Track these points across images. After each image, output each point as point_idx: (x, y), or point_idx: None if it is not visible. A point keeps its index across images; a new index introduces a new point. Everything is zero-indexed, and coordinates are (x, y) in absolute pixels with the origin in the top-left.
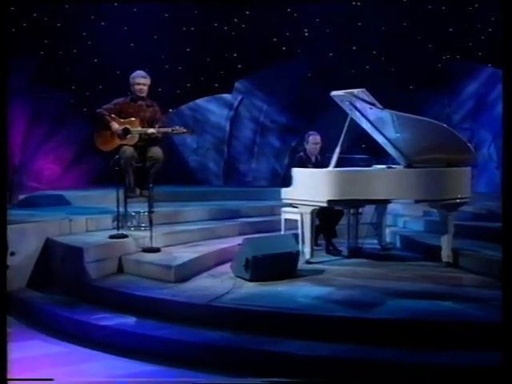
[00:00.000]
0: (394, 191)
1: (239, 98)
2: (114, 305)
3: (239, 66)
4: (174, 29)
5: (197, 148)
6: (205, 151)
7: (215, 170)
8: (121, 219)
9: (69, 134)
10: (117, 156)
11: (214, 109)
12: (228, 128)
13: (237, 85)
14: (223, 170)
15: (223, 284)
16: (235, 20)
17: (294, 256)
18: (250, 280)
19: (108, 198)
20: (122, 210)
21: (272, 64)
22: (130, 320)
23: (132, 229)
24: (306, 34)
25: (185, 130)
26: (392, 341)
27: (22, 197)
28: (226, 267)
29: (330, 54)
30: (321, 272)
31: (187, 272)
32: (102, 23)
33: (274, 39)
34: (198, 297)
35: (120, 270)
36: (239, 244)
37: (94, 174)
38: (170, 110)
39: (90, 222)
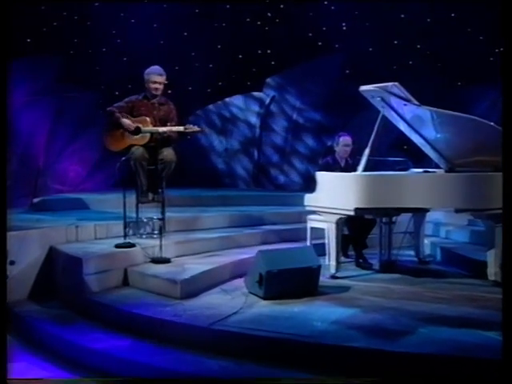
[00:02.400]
0: (431, 199)
1: (270, 95)
2: (111, 323)
3: (272, 62)
4: (205, 25)
5: (225, 149)
6: (234, 152)
7: (244, 173)
8: (132, 226)
9: (95, 135)
10: (123, 158)
11: (244, 108)
12: (258, 128)
13: (268, 81)
14: (253, 172)
15: (233, 302)
16: (269, 14)
17: (315, 271)
18: (264, 298)
19: (128, 202)
20: (134, 215)
21: (307, 60)
22: (124, 342)
23: (144, 237)
24: (344, 28)
25: (198, 129)
26: (420, 381)
27: (35, 200)
28: (242, 281)
29: (370, 49)
30: (346, 289)
31: (196, 287)
32: (132, 20)
33: (310, 34)
34: (202, 317)
35: (125, 282)
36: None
37: (119, 177)
38: (198, 112)
39: (99, 229)
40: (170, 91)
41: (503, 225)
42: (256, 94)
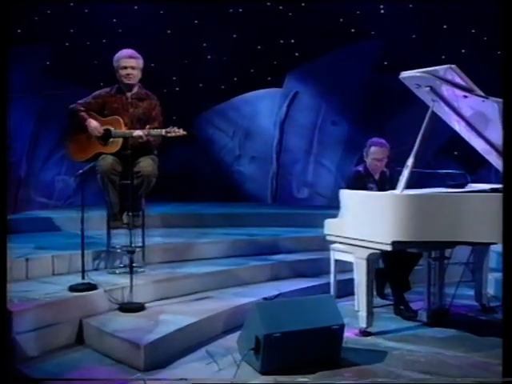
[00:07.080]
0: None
1: (293, 92)
2: None
3: (296, 54)
4: (219, 11)
5: (239, 156)
6: (249, 160)
7: (262, 184)
8: (103, 257)
9: None
10: (80, 171)
11: (262, 107)
12: (278, 130)
13: (291, 75)
14: (271, 183)
15: (218, 376)
16: None
17: (336, 333)
18: (262, 372)
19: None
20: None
21: (338, 51)
22: None
23: (117, 271)
24: (382, 12)
25: (183, 133)
26: None
27: None
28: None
29: (413, 36)
30: (380, 357)
31: (168, 351)
32: (135, 7)
33: (341, 19)
34: None
35: (80, 340)
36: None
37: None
38: (209, 111)
39: (57, 262)
40: (177, 88)
41: (503, 227)
42: (276, 90)
